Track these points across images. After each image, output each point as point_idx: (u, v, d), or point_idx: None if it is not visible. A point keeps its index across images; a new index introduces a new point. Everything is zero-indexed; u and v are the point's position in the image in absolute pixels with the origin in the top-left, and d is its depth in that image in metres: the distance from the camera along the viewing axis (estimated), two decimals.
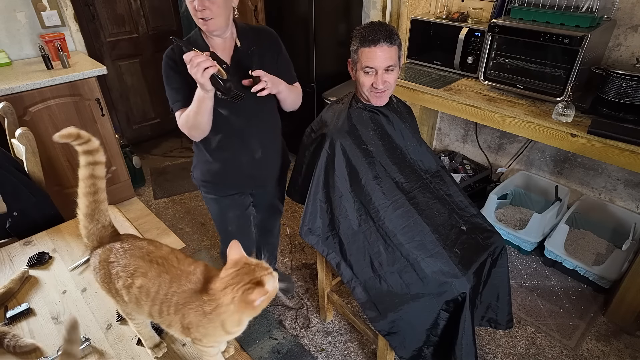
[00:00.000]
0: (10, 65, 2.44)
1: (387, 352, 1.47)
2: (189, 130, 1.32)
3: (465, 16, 2.14)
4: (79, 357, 0.82)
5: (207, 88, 1.17)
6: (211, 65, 1.13)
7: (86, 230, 0.88)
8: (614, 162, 1.58)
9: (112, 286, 0.84)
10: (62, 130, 0.82)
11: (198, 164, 1.50)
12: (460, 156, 2.73)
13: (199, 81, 1.15)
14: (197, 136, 1.35)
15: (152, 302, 0.79)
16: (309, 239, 1.43)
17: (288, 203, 2.74)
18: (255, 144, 1.45)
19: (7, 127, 1.78)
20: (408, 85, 2.11)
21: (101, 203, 0.89)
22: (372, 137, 1.38)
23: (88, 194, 0.88)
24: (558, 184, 2.26)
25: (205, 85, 1.16)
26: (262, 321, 1.93)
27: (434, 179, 1.47)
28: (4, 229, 1.50)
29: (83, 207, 0.88)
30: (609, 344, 1.79)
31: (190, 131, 1.32)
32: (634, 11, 1.77)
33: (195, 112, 1.25)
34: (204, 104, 1.22)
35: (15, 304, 1.09)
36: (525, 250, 2.24)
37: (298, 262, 2.28)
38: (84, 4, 2.88)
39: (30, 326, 1.03)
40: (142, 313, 0.83)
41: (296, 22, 2.67)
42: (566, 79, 1.71)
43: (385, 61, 1.25)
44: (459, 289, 1.23)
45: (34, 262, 1.22)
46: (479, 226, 1.42)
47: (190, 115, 1.27)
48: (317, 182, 1.39)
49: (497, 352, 1.76)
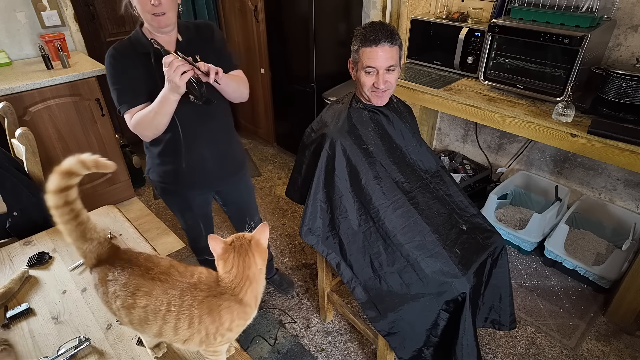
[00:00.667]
0: (10, 65, 2.44)
1: (387, 352, 1.47)
2: (143, 130, 1.30)
3: (465, 16, 2.14)
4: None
5: (181, 91, 1.18)
6: (190, 69, 1.14)
7: (81, 251, 0.82)
8: (614, 162, 1.58)
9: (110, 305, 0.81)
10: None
11: (153, 166, 1.49)
12: (460, 156, 2.73)
13: (176, 84, 1.15)
14: (150, 136, 1.34)
15: (163, 320, 0.77)
16: (308, 239, 1.42)
17: (288, 203, 2.74)
18: (210, 141, 1.46)
19: (7, 127, 1.78)
20: (408, 85, 2.11)
21: (86, 222, 0.80)
22: (373, 137, 1.38)
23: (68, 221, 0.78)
24: (558, 184, 2.26)
25: (180, 89, 1.16)
26: (262, 321, 1.93)
27: (434, 179, 1.47)
28: (4, 229, 1.50)
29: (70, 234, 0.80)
30: (609, 344, 1.79)
31: (143, 131, 1.31)
32: (634, 11, 1.77)
33: (157, 112, 1.24)
34: (168, 105, 1.22)
35: (15, 304, 1.09)
36: (525, 250, 2.24)
37: (298, 262, 2.28)
38: (84, 4, 2.88)
39: (30, 326, 1.03)
40: (149, 332, 0.80)
41: (296, 22, 2.67)
42: (566, 79, 1.71)
43: (386, 61, 1.25)
44: (459, 289, 1.23)
45: (34, 262, 1.22)
46: (479, 226, 1.42)
47: (150, 115, 1.26)
48: (317, 182, 1.39)
49: (497, 352, 1.76)
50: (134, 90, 1.29)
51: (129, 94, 1.29)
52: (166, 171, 1.47)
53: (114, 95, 1.31)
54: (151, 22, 1.26)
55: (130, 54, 1.29)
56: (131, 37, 1.31)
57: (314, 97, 2.83)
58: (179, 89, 1.17)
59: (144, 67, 1.28)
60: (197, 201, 1.61)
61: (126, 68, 1.28)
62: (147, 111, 1.26)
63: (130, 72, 1.28)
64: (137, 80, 1.28)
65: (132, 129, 1.32)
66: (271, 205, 2.75)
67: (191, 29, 1.38)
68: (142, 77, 1.29)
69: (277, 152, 3.41)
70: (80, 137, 2.41)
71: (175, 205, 1.63)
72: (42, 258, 1.24)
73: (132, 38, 1.31)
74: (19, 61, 2.52)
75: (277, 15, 2.78)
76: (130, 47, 1.29)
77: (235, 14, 3.11)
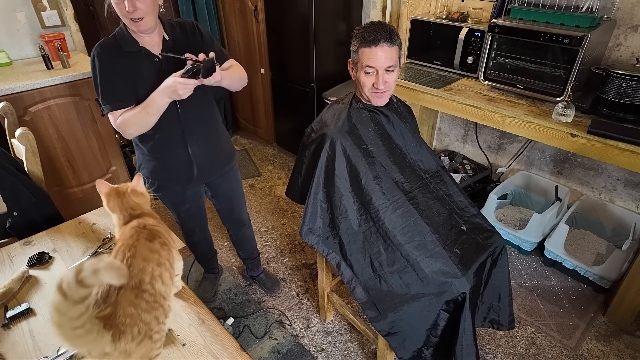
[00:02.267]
0: (10, 65, 2.44)
1: (387, 353, 1.47)
2: (128, 128, 1.32)
3: (465, 16, 2.14)
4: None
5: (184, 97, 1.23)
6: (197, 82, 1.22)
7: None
8: (614, 162, 1.58)
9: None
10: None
11: (144, 162, 1.51)
12: (460, 156, 2.73)
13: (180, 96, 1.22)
14: (134, 134, 1.36)
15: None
16: (309, 239, 1.43)
17: (288, 203, 2.74)
18: (199, 135, 1.48)
19: (7, 127, 1.78)
20: (408, 85, 2.11)
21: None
22: (373, 137, 1.38)
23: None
24: (558, 184, 2.26)
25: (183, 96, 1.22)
26: (262, 321, 1.93)
27: (433, 179, 1.47)
28: (4, 229, 1.50)
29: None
30: (609, 344, 1.79)
31: (128, 129, 1.33)
32: (634, 11, 1.77)
33: (149, 113, 1.28)
34: (162, 107, 1.28)
35: (15, 304, 1.09)
36: (525, 250, 2.24)
37: (298, 262, 2.28)
38: (84, 4, 2.88)
39: (30, 326, 1.03)
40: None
41: (296, 22, 2.67)
42: (566, 79, 1.71)
43: (386, 61, 1.25)
44: (459, 289, 1.23)
45: (34, 262, 1.22)
46: (479, 226, 1.42)
47: (141, 116, 1.28)
48: (317, 182, 1.39)
49: (497, 352, 1.76)
50: (118, 91, 1.30)
51: (113, 95, 1.30)
52: (156, 166, 1.49)
53: (98, 94, 1.32)
54: (130, 27, 1.28)
55: (115, 52, 1.29)
56: (116, 34, 1.32)
57: (314, 97, 2.83)
58: (181, 96, 1.22)
59: (130, 66, 1.30)
60: (189, 194, 1.63)
61: (111, 67, 1.29)
62: (138, 112, 1.29)
63: (116, 71, 1.29)
64: (122, 80, 1.29)
65: (116, 127, 1.33)
66: (271, 205, 2.75)
67: (176, 27, 1.39)
68: (127, 76, 1.30)
69: (277, 152, 3.41)
70: (80, 137, 2.41)
71: (167, 199, 1.64)
72: (42, 258, 1.24)
73: (118, 35, 1.31)
74: (19, 61, 2.52)
75: (277, 15, 2.78)
76: (116, 45, 1.30)
77: (235, 14, 3.11)
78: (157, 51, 1.34)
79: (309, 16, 2.54)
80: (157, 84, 1.26)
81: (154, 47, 1.34)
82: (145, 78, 1.31)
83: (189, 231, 1.83)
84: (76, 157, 2.42)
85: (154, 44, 1.34)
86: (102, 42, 1.30)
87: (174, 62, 1.29)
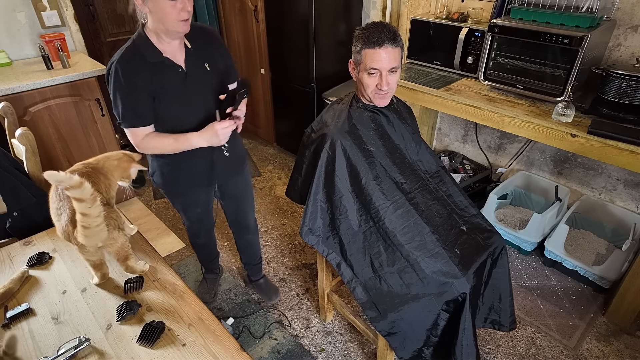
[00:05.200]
0: (10, 65, 2.44)
1: (387, 353, 1.47)
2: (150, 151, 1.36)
3: (465, 16, 2.14)
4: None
5: (224, 142, 1.32)
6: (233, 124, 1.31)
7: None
8: (614, 162, 1.58)
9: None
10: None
11: (158, 169, 1.50)
12: (460, 156, 2.73)
13: (221, 142, 1.31)
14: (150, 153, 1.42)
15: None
16: (309, 239, 1.43)
17: (288, 203, 2.74)
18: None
19: (7, 127, 1.78)
20: (408, 85, 2.11)
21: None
22: (373, 137, 1.38)
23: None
24: (558, 184, 2.26)
25: (223, 141, 1.30)
26: (262, 321, 1.93)
27: (433, 179, 1.47)
28: (4, 229, 1.51)
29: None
30: (609, 344, 1.79)
31: (150, 151, 1.37)
32: (634, 11, 1.77)
33: (180, 148, 1.33)
34: (195, 147, 1.33)
35: (15, 304, 1.09)
36: (525, 251, 2.24)
37: (298, 262, 2.28)
38: (84, 4, 2.88)
39: (30, 326, 1.03)
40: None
41: (296, 22, 2.67)
42: (566, 79, 1.71)
43: (389, 62, 1.24)
44: (459, 289, 1.23)
45: (34, 262, 1.22)
46: (479, 226, 1.42)
47: (171, 147, 1.33)
48: (317, 182, 1.39)
49: (497, 352, 1.76)
50: (139, 108, 1.27)
51: (134, 111, 1.27)
52: (175, 172, 1.49)
53: (116, 108, 1.28)
54: (176, 29, 1.22)
55: (137, 65, 1.24)
56: (135, 41, 1.26)
57: (314, 97, 2.83)
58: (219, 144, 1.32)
59: (153, 78, 1.26)
60: (202, 198, 1.63)
61: (133, 85, 1.23)
62: (168, 143, 1.32)
63: (138, 87, 1.24)
64: (143, 95, 1.26)
65: (136, 145, 1.33)
66: (271, 205, 2.75)
67: (197, 35, 1.35)
68: (149, 91, 1.26)
69: (277, 152, 3.41)
70: (80, 137, 2.41)
71: (180, 203, 1.64)
72: (42, 258, 1.24)
73: (138, 43, 1.25)
74: (19, 61, 2.52)
75: (277, 15, 2.78)
76: (138, 55, 1.24)
77: (235, 14, 3.11)
78: (179, 60, 1.30)
79: (309, 16, 2.54)
80: (181, 96, 1.27)
81: (176, 56, 1.30)
82: (169, 90, 1.29)
83: (196, 233, 1.82)
84: (76, 157, 2.42)
85: (175, 52, 1.30)
86: (122, 55, 1.24)
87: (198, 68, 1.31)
